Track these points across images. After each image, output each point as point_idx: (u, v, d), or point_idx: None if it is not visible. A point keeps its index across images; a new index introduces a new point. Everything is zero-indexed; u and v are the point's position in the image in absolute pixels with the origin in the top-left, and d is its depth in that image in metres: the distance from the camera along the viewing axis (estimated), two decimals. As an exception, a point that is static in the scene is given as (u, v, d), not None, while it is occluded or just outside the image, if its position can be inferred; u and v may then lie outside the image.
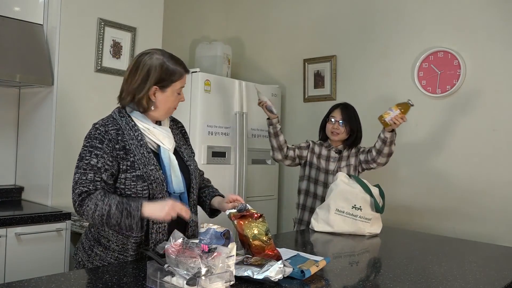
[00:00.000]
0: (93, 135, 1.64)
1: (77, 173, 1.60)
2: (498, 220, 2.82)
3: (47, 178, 2.74)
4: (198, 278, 1.23)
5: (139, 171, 1.62)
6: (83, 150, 1.63)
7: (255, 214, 1.63)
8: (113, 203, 1.55)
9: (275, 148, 2.81)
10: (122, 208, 1.55)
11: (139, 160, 1.63)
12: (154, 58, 1.67)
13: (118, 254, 1.64)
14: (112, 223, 1.55)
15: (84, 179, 1.58)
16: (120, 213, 1.54)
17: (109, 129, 1.64)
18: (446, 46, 3.05)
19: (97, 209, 1.55)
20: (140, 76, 1.66)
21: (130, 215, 1.55)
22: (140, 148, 1.65)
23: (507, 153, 2.82)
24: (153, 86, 1.66)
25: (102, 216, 1.55)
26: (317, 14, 3.76)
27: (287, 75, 3.93)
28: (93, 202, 1.55)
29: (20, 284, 1.31)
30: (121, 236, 1.64)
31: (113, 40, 2.98)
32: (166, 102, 1.69)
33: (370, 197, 2.37)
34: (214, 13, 4.31)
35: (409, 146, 3.20)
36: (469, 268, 1.77)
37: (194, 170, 1.81)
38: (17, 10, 2.69)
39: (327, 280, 1.53)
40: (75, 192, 1.59)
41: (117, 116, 1.70)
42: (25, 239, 2.38)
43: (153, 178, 1.64)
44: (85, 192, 1.58)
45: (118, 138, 1.64)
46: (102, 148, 1.61)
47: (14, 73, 2.57)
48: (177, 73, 1.68)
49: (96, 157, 1.59)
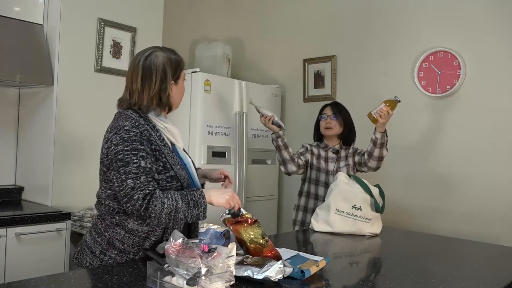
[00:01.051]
0: (130, 138, 1.56)
1: (129, 179, 1.51)
2: (498, 220, 2.82)
3: (47, 178, 2.74)
4: (198, 278, 1.23)
5: (172, 172, 1.62)
6: (125, 154, 1.53)
7: (250, 219, 1.62)
8: (177, 197, 1.54)
9: (288, 160, 2.71)
10: (188, 200, 1.55)
11: (170, 160, 1.63)
12: (159, 56, 1.66)
13: (134, 256, 1.64)
14: (180, 217, 1.54)
15: (139, 183, 1.51)
16: (187, 205, 1.55)
17: (141, 129, 1.59)
18: (446, 46, 3.05)
19: (165, 206, 1.51)
20: (158, 78, 1.63)
21: (197, 204, 1.56)
22: (164, 148, 1.64)
23: (507, 153, 2.82)
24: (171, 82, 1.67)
25: (170, 213, 1.52)
26: (317, 14, 3.76)
27: (287, 75, 3.92)
28: (159, 201, 1.51)
29: (20, 284, 1.31)
30: (137, 238, 1.62)
31: (113, 40, 2.98)
32: (179, 93, 1.73)
33: (370, 197, 2.37)
34: (214, 13, 4.31)
35: (409, 146, 3.20)
36: (469, 268, 1.77)
37: (194, 164, 1.83)
38: (17, 10, 2.69)
39: (327, 280, 1.53)
40: (134, 198, 1.50)
41: (138, 118, 1.64)
42: (25, 239, 2.38)
43: (183, 177, 1.65)
44: (148, 194, 1.51)
45: (150, 138, 1.61)
46: (144, 149, 1.56)
47: (14, 73, 2.57)
48: (181, 61, 1.72)
49: (143, 158, 1.54)
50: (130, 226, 1.61)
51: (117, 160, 1.54)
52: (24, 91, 2.96)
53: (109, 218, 1.65)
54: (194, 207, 1.56)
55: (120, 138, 1.56)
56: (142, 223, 1.60)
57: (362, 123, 2.91)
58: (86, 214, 2.69)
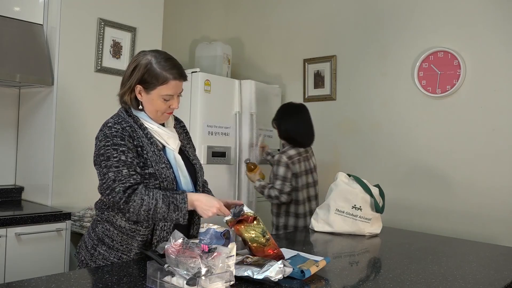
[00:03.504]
0: (111, 134, 1.60)
1: (110, 172, 1.55)
2: (498, 220, 2.82)
3: (47, 178, 2.74)
4: (198, 278, 1.23)
5: (151, 169, 1.62)
6: (106, 150, 1.58)
7: (250, 217, 1.62)
8: (159, 197, 1.55)
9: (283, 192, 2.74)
10: (168, 202, 1.56)
11: (152, 158, 1.64)
12: (145, 57, 1.65)
13: (122, 254, 1.64)
14: (158, 217, 1.56)
15: (121, 175, 1.55)
16: (167, 207, 1.55)
17: (123, 126, 1.63)
18: (446, 46, 3.05)
19: (144, 203, 1.54)
20: (127, 72, 1.67)
21: (178, 208, 1.56)
22: (150, 146, 1.66)
23: (507, 153, 2.82)
24: (137, 85, 1.64)
25: (148, 211, 1.54)
26: (317, 14, 3.76)
27: (287, 75, 3.93)
28: (139, 197, 1.54)
29: (20, 284, 1.31)
30: (125, 236, 1.64)
31: (113, 40, 2.98)
32: (152, 104, 1.66)
33: (370, 197, 2.37)
34: (214, 13, 4.31)
35: (409, 146, 3.20)
36: (469, 268, 1.77)
37: (200, 169, 1.82)
38: (17, 10, 2.69)
39: (327, 280, 1.53)
40: (116, 190, 1.54)
41: (125, 115, 1.69)
42: (25, 239, 2.38)
43: (164, 176, 1.64)
44: (129, 187, 1.55)
45: (133, 134, 1.63)
46: (125, 144, 1.59)
47: (14, 73, 2.57)
48: (161, 77, 1.61)
49: (123, 153, 1.57)
50: (118, 222, 1.64)
51: (100, 155, 1.59)
52: (24, 91, 2.96)
53: (100, 213, 1.70)
54: (174, 210, 1.56)
55: (103, 135, 1.61)
56: (128, 220, 1.62)
57: (362, 123, 2.92)
58: (86, 214, 2.69)
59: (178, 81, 1.65)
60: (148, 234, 1.64)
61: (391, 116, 3.29)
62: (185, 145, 1.83)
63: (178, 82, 1.66)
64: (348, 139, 3.50)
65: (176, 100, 1.68)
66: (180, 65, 1.69)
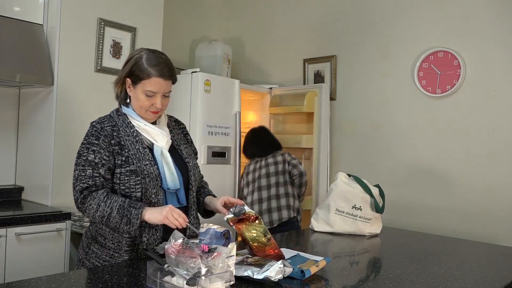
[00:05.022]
0: (90, 133, 1.68)
1: (76, 170, 1.63)
2: (498, 220, 2.82)
3: (47, 178, 2.74)
4: (198, 278, 1.23)
5: (132, 166, 1.64)
6: (81, 147, 1.66)
7: (252, 216, 1.62)
8: (114, 206, 1.57)
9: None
10: (122, 214, 1.56)
11: (134, 155, 1.65)
12: (139, 53, 1.71)
13: (114, 252, 1.65)
14: (111, 225, 1.59)
15: (83, 175, 1.61)
16: (120, 218, 1.56)
17: (104, 125, 1.69)
18: (446, 46, 3.05)
19: (99, 209, 1.57)
20: (123, 65, 1.75)
21: (130, 222, 1.56)
22: (135, 144, 1.68)
23: (507, 152, 2.82)
24: (127, 78, 1.70)
25: (102, 217, 1.58)
26: (317, 14, 3.76)
27: (287, 75, 3.93)
28: (95, 202, 1.58)
29: (20, 284, 1.31)
30: (116, 234, 1.65)
31: (113, 40, 2.98)
32: (136, 99, 1.70)
33: (370, 197, 2.37)
34: (214, 13, 4.31)
35: (409, 146, 3.21)
36: (469, 268, 1.77)
37: (193, 167, 1.81)
38: (17, 10, 2.69)
39: (327, 280, 1.53)
40: (76, 189, 1.61)
41: (115, 115, 1.75)
42: (25, 239, 2.38)
43: (147, 172, 1.64)
44: (85, 188, 1.60)
45: (113, 134, 1.67)
46: (99, 143, 1.64)
47: (14, 73, 2.57)
48: (145, 72, 1.65)
49: (94, 153, 1.62)
50: None
51: (77, 152, 1.67)
52: (24, 91, 2.96)
53: None
54: (126, 224, 1.56)
55: (86, 134, 1.70)
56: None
57: (362, 123, 2.92)
58: (86, 214, 2.70)
59: (161, 79, 1.66)
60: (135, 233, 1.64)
61: (391, 116, 3.29)
62: (180, 144, 1.83)
63: (161, 80, 1.66)
64: (348, 139, 3.50)
65: (158, 99, 1.68)
66: (169, 65, 1.70)
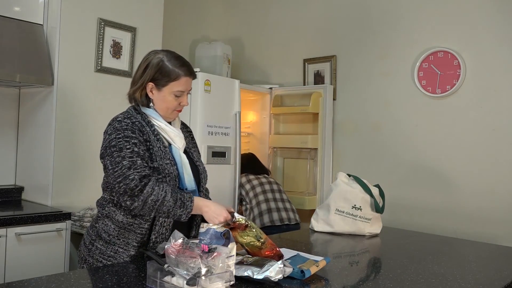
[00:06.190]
0: (122, 127, 1.63)
1: (124, 161, 1.56)
2: (498, 220, 2.82)
3: (47, 178, 2.74)
4: (198, 278, 1.23)
5: (156, 163, 1.65)
6: (118, 141, 1.60)
7: (242, 224, 1.62)
8: (168, 190, 1.58)
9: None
10: (176, 197, 1.57)
11: (157, 153, 1.67)
12: (156, 56, 1.71)
13: (119, 247, 1.65)
14: (163, 210, 1.57)
15: (136, 165, 1.57)
16: (174, 201, 1.57)
17: (132, 121, 1.67)
18: (446, 46, 3.05)
19: (153, 193, 1.55)
20: (139, 71, 1.73)
21: (184, 205, 1.58)
22: (157, 142, 1.69)
23: (507, 153, 2.82)
24: (149, 83, 1.69)
25: (156, 201, 1.55)
26: (317, 14, 3.76)
27: (287, 75, 3.93)
28: (150, 186, 1.56)
29: (20, 284, 1.31)
30: (123, 230, 1.65)
31: (113, 40, 2.98)
32: (163, 101, 1.71)
33: (370, 197, 2.37)
34: (214, 13, 4.31)
35: (409, 146, 3.20)
36: (469, 268, 1.77)
37: (203, 171, 1.85)
38: (17, 10, 2.69)
39: (327, 280, 1.53)
40: (131, 177, 1.54)
41: (133, 112, 1.73)
42: (25, 239, 2.38)
43: (167, 172, 1.66)
44: (145, 177, 1.56)
45: (142, 129, 1.67)
46: (136, 137, 1.63)
47: (14, 73, 2.57)
48: (173, 74, 1.67)
49: (136, 145, 1.60)
50: (117, 217, 1.65)
51: (111, 146, 1.60)
52: (24, 91, 2.96)
53: (101, 209, 1.72)
54: (180, 206, 1.58)
55: (113, 128, 1.64)
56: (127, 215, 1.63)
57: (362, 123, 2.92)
58: (86, 214, 2.69)
59: (188, 78, 1.72)
60: (147, 228, 1.65)
61: (391, 116, 3.29)
62: (190, 147, 1.87)
63: (188, 79, 1.72)
64: (348, 139, 3.50)
65: (186, 97, 1.74)
66: (190, 63, 1.75)
